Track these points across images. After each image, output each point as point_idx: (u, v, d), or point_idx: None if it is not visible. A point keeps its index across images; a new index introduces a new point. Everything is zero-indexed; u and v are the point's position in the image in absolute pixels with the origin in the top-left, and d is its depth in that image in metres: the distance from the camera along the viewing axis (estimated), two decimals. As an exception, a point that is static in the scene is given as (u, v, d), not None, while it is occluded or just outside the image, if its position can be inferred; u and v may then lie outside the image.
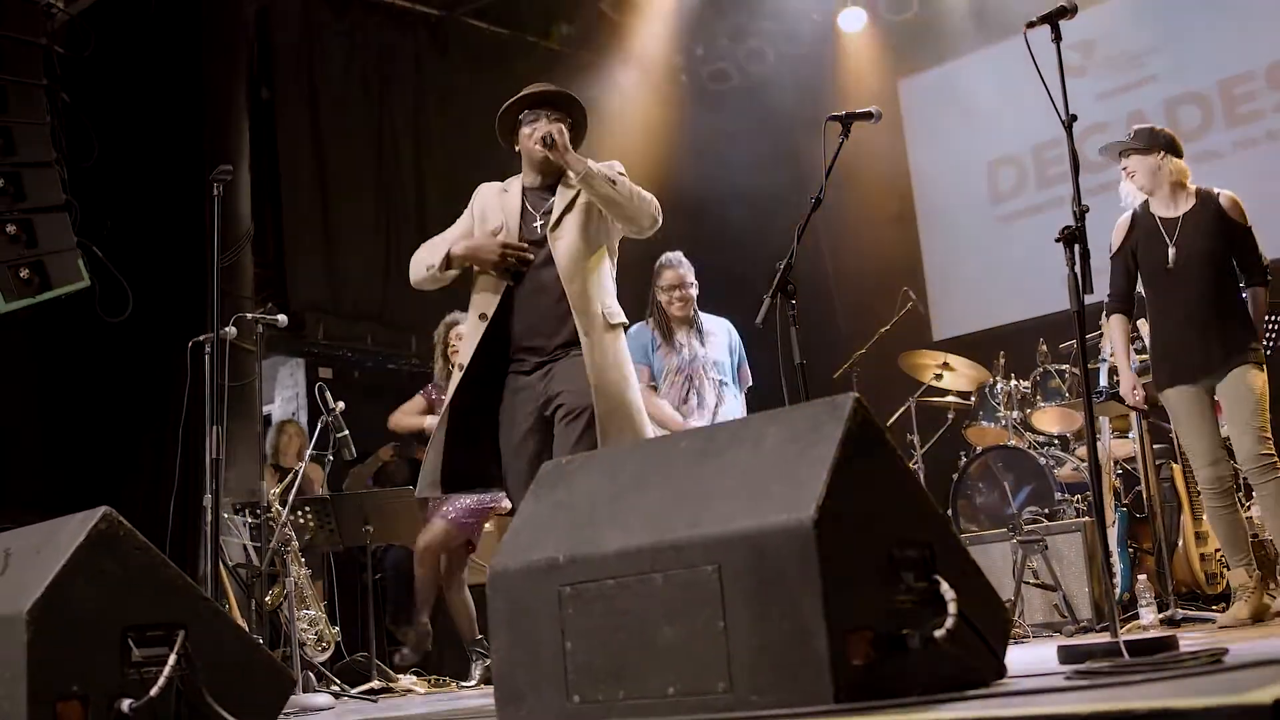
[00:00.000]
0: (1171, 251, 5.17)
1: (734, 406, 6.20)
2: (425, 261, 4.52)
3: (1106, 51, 9.62)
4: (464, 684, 6.57)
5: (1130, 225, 5.36)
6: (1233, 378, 5.06)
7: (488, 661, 6.52)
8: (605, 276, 4.41)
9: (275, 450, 8.09)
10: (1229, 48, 9.14)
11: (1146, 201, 5.33)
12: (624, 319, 4.42)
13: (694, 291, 6.23)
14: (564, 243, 4.35)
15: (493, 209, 4.54)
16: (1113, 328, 5.45)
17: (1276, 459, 5.04)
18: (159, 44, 8.03)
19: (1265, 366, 5.14)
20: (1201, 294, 5.12)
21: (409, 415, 6.99)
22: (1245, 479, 5.30)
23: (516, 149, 4.59)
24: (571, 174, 4.34)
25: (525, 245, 4.37)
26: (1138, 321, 5.93)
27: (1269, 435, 5.05)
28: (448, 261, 4.44)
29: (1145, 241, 5.28)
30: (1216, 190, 5.26)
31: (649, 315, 6.25)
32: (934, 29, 10.28)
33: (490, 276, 4.41)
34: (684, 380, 6.14)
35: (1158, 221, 5.25)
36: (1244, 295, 5.22)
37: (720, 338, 6.27)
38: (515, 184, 4.57)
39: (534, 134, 4.43)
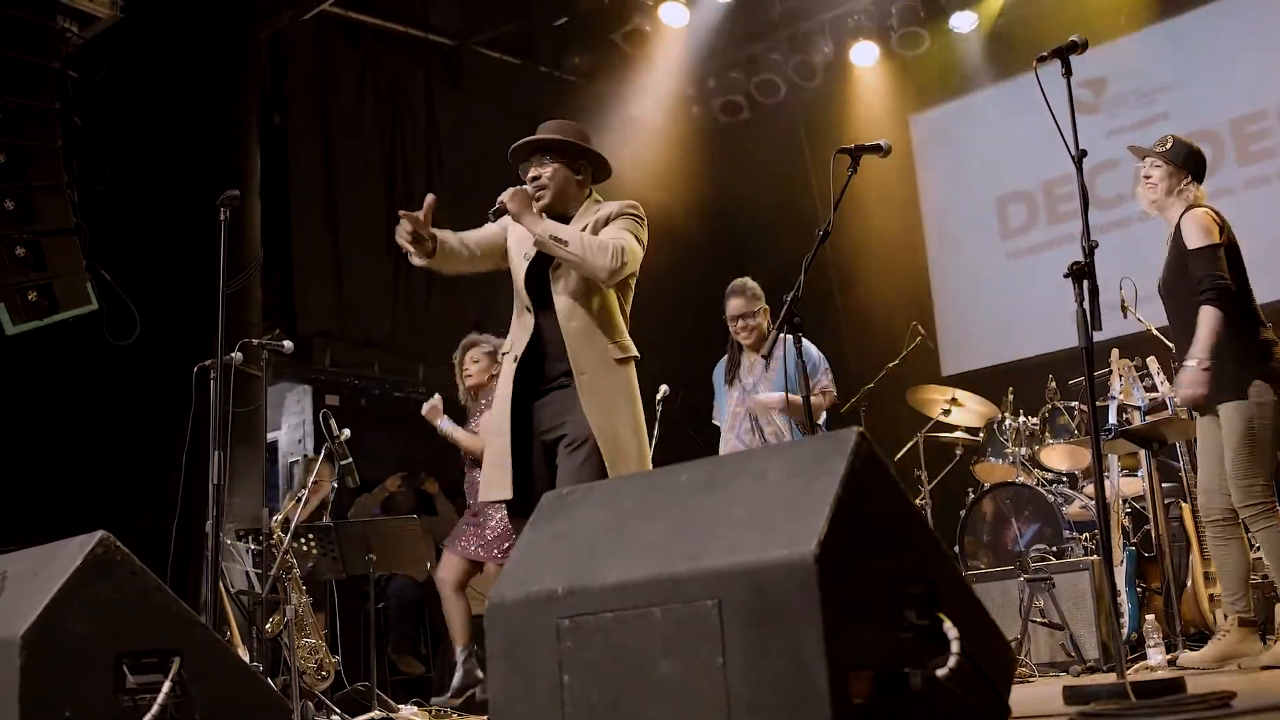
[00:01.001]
0: (1162, 275, 5.16)
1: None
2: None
3: (1118, 89, 9.62)
4: (437, 698, 6.54)
5: None
6: (1220, 417, 4.95)
7: (470, 667, 6.48)
8: (611, 312, 4.38)
9: (299, 485, 8.06)
10: (1241, 86, 9.12)
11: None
12: (634, 353, 4.38)
13: (761, 319, 6.25)
14: (562, 283, 4.36)
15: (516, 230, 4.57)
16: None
17: (1265, 504, 4.86)
18: (172, 69, 8.05)
19: (1260, 395, 4.87)
20: (1186, 323, 4.96)
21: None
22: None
23: None
24: (533, 224, 4.33)
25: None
26: (1148, 359, 5.90)
27: (1252, 479, 4.85)
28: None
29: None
30: (1190, 210, 5.06)
31: (727, 351, 6.34)
32: (945, 64, 10.29)
33: (518, 314, 4.48)
34: (745, 414, 6.19)
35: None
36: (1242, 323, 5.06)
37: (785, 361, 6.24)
38: None
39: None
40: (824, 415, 6.27)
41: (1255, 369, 4.92)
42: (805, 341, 6.11)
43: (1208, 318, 4.83)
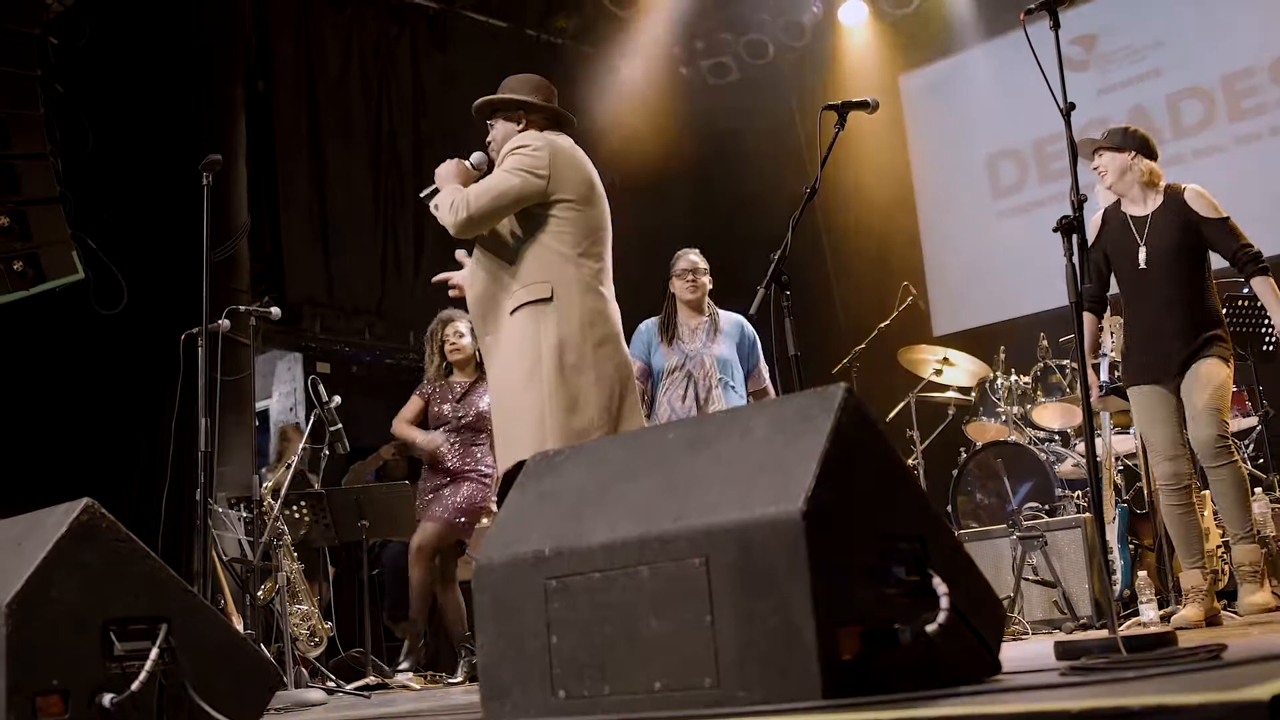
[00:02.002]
0: (1142, 251, 5.13)
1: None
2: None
3: (1108, 46, 9.57)
4: (451, 680, 6.53)
5: (1102, 224, 5.33)
6: (1194, 370, 5.03)
7: (474, 659, 6.48)
8: (509, 263, 4.20)
9: (280, 456, 8.06)
10: (1232, 43, 9.08)
11: (1119, 200, 5.29)
12: (536, 295, 4.12)
13: (706, 280, 6.27)
14: (476, 248, 4.35)
15: None
16: (1085, 324, 5.40)
17: (1232, 445, 5.03)
18: (155, 35, 7.98)
19: (1232, 363, 5.10)
20: (1171, 295, 5.09)
21: (404, 423, 6.90)
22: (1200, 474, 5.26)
23: None
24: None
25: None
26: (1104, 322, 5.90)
27: (1227, 422, 5.02)
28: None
29: (1117, 240, 5.25)
30: (1183, 185, 5.22)
31: (662, 311, 6.26)
32: (934, 23, 10.24)
33: None
34: (684, 378, 6.10)
35: (1129, 220, 5.22)
36: (1213, 295, 5.19)
37: (732, 335, 6.22)
38: None
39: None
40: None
41: (1219, 331, 5.13)
42: (744, 321, 6.16)
43: (1273, 286, 5.05)
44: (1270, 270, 5.07)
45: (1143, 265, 5.14)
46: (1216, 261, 5.24)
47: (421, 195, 4.43)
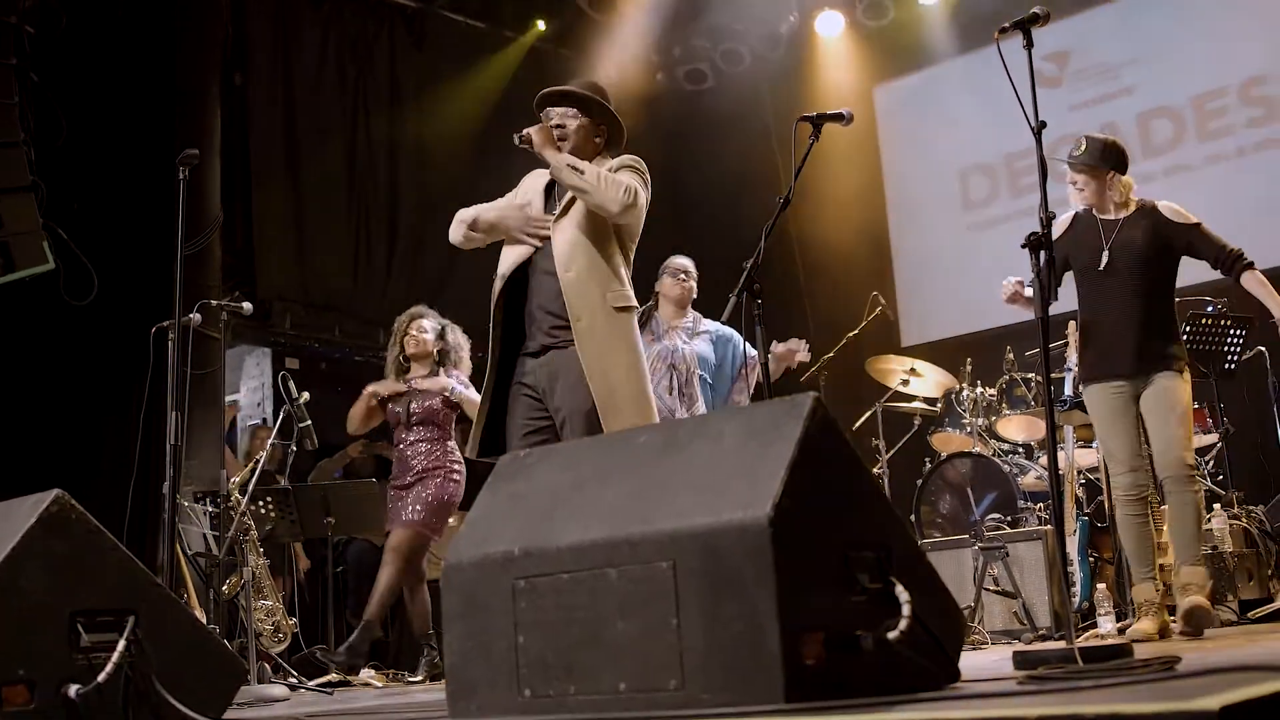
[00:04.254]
0: (1105, 254, 5.19)
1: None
2: (462, 218, 4.57)
3: (1081, 63, 9.66)
4: (411, 678, 6.53)
5: (1070, 224, 5.39)
6: (1156, 386, 5.08)
7: (435, 657, 6.48)
8: (611, 262, 4.41)
9: (249, 455, 8.05)
10: (1203, 64, 9.19)
11: (1092, 207, 5.35)
12: (633, 302, 4.41)
13: (694, 285, 6.45)
14: (564, 233, 4.39)
15: (528, 189, 4.64)
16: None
17: (1197, 473, 5.10)
18: (131, 25, 7.96)
19: (1189, 377, 5.16)
20: (1131, 297, 5.14)
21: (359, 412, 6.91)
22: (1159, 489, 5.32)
23: None
24: (554, 155, 4.36)
25: (547, 221, 4.44)
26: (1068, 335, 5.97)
27: (1191, 446, 5.11)
28: (475, 223, 4.52)
29: (1081, 240, 5.30)
30: (1154, 201, 5.29)
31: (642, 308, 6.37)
32: (910, 36, 10.30)
33: (510, 252, 4.50)
34: (666, 370, 6.17)
35: (1097, 222, 5.28)
36: (1173, 307, 5.25)
37: (713, 339, 6.35)
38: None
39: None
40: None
41: (1177, 344, 5.20)
42: (732, 331, 6.22)
43: (1262, 279, 5.15)
44: (1253, 265, 5.15)
45: (1102, 266, 5.19)
46: (1179, 280, 5.31)
47: (516, 137, 4.40)
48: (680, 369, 6.17)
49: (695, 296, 6.47)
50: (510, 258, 4.49)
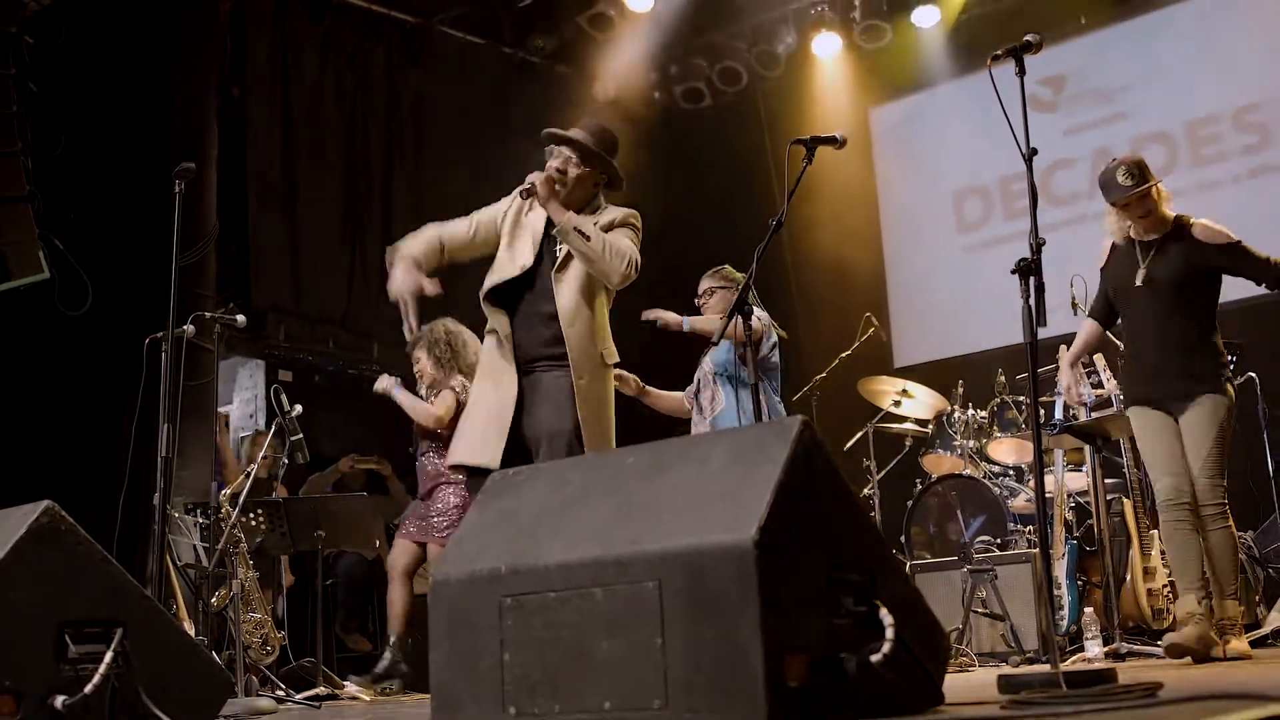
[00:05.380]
0: (1141, 273, 5.18)
1: (729, 404, 6.20)
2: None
3: (1077, 88, 9.70)
4: (387, 690, 6.51)
5: (1112, 248, 5.40)
6: (1195, 410, 5.06)
7: (395, 658, 6.46)
8: (602, 317, 4.57)
9: (250, 460, 8.03)
10: (1197, 90, 9.23)
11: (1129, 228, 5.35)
12: (617, 358, 4.58)
13: (705, 299, 6.53)
14: (567, 288, 4.49)
15: (516, 215, 4.70)
16: (1083, 327, 5.54)
17: (1227, 506, 5.05)
18: (130, 38, 7.97)
19: (1232, 393, 5.11)
20: (1168, 319, 5.13)
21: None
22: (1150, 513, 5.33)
23: None
24: (559, 212, 4.46)
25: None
26: (1095, 356, 5.98)
27: (1221, 479, 5.04)
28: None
29: (1120, 262, 5.31)
30: (1190, 218, 5.28)
31: None
32: (906, 58, 10.33)
33: (495, 300, 4.60)
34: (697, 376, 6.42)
35: (1135, 244, 5.27)
36: (1214, 326, 5.21)
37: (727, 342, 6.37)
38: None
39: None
40: (774, 379, 6.35)
41: (1228, 369, 5.16)
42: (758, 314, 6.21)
43: None
44: None
45: (1139, 285, 5.18)
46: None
47: (520, 190, 4.54)
48: (698, 375, 6.38)
49: (717, 305, 6.48)
50: (498, 316, 4.59)
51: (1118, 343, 5.75)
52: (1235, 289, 5.41)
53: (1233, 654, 4.99)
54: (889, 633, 2.36)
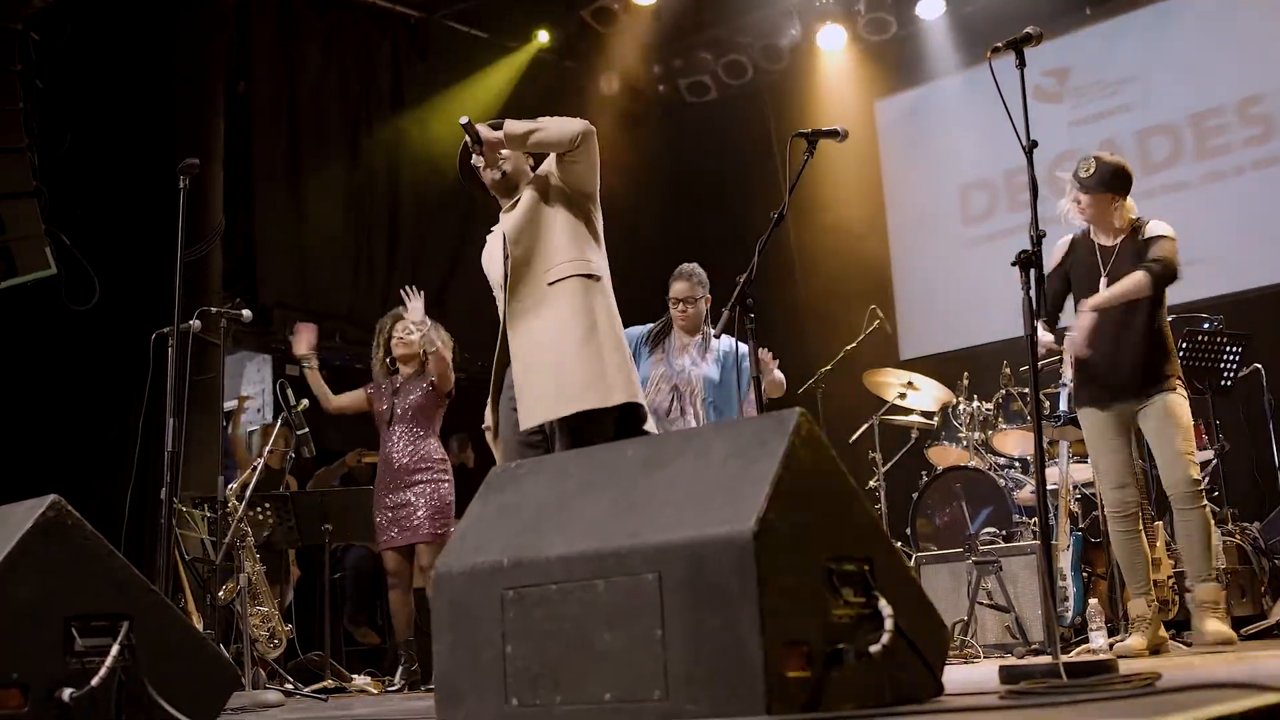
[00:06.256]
0: (1104, 281, 5.22)
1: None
2: None
3: (1081, 80, 9.69)
4: (390, 685, 6.54)
5: (1069, 249, 5.42)
6: (1156, 406, 5.14)
7: (414, 665, 6.47)
8: (560, 237, 4.42)
9: (257, 453, 8.05)
10: (1202, 82, 9.22)
11: (1088, 229, 5.37)
12: (587, 270, 4.40)
13: (702, 306, 6.13)
14: (511, 221, 4.46)
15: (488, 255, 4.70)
16: (1041, 339, 5.48)
17: (1202, 488, 5.15)
18: (136, 34, 8.00)
19: (1187, 395, 5.22)
20: (1128, 322, 5.17)
21: (347, 397, 6.94)
22: (1156, 504, 5.36)
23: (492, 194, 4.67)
24: (503, 142, 4.46)
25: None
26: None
27: (1195, 464, 5.15)
28: None
29: (1080, 267, 5.35)
30: (1145, 220, 5.30)
31: (659, 322, 6.23)
32: (911, 51, 10.34)
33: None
34: (670, 390, 6.03)
35: (1096, 248, 5.32)
36: (1165, 324, 5.26)
37: (721, 359, 6.11)
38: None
39: (484, 168, 4.58)
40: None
41: (1173, 364, 5.24)
42: (734, 349, 6.09)
43: (1136, 281, 5.06)
44: (1152, 272, 5.06)
45: (1092, 291, 5.20)
46: (1177, 297, 5.34)
47: (463, 124, 4.52)
48: (684, 390, 6.02)
49: (705, 313, 6.16)
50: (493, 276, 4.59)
51: None
52: (1245, 278, 5.42)
53: (1212, 637, 5.03)
54: (888, 623, 2.38)
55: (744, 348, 6.11)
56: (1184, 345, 6.25)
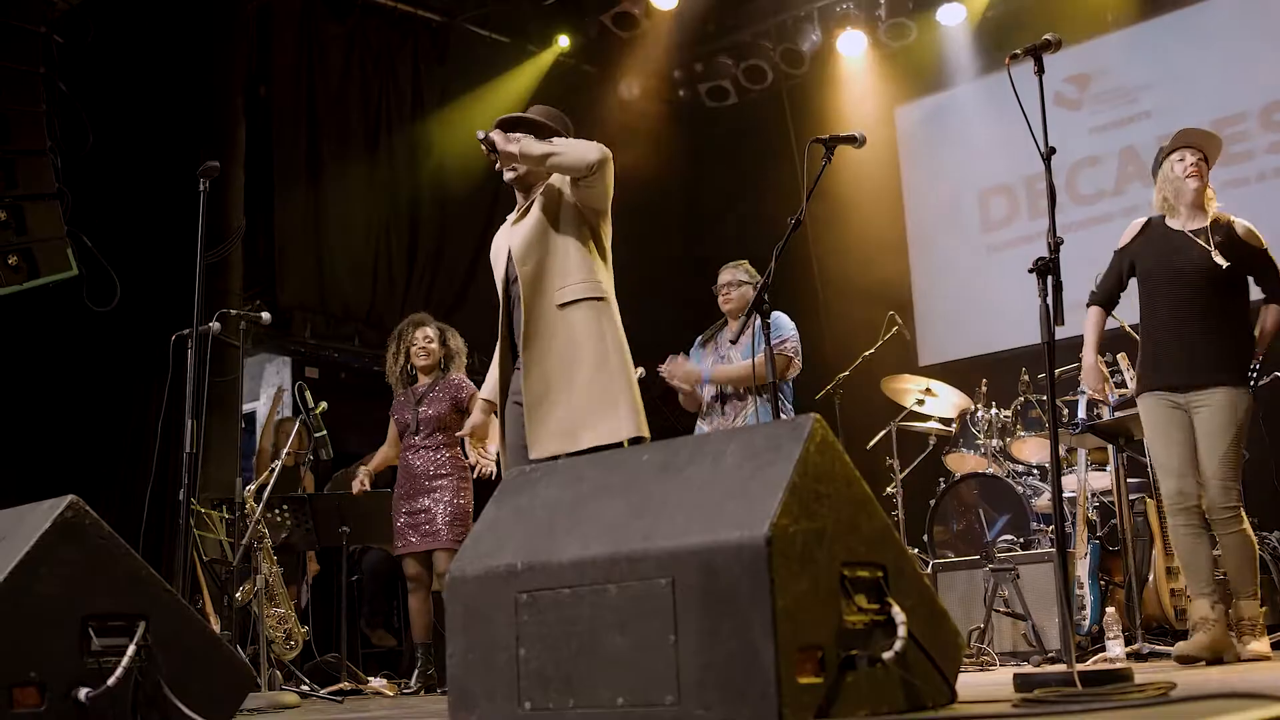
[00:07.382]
0: (1176, 261, 5.09)
1: (760, 415, 6.12)
2: None
3: (1101, 86, 9.66)
4: (407, 687, 6.55)
5: (1141, 229, 5.29)
6: (1210, 406, 4.95)
7: (430, 669, 6.49)
8: (569, 256, 4.40)
9: (276, 448, 8.07)
10: (1223, 88, 9.18)
11: (1164, 215, 5.26)
12: (597, 293, 4.38)
13: (747, 290, 6.18)
14: (520, 234, 4.46)
15: (495, 249, 4.70)
16: (1089, 317, 5.40)
17: (1241, 508, 4.95)
18: (158, 36, 8.04)
19: (1251, 391, 5.01)
20: (1198, 310, 5.03)
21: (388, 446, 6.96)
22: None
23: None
24: (517, 158, 4.44)
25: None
26: (1119, 355, 5.94)
27: (1236, 482, 4.94)
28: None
29: (1151, 248, 5.20)
30: (1230, 216, 5.20)
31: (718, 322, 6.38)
32: (931, 56, 10.31)
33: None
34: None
35: (1170, 231, 5.18)
36: (1246, 320, 5.15)
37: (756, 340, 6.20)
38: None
39: (499, 167, 4.57)
40: (788, 383, 6.23)
41: (1244, 355, 5.06)
42: (779, 314, 6.13)
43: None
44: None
45: (1172, 275, 5.09)
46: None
47: (479, 135, 4.51)
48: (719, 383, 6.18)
49: (748, 303, 6.15)
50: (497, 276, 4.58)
51: (1135, 336, 5.67)
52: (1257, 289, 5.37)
53: (1250, 655, 4.94)
54: (901, 630, 2.38)
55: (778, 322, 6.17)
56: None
